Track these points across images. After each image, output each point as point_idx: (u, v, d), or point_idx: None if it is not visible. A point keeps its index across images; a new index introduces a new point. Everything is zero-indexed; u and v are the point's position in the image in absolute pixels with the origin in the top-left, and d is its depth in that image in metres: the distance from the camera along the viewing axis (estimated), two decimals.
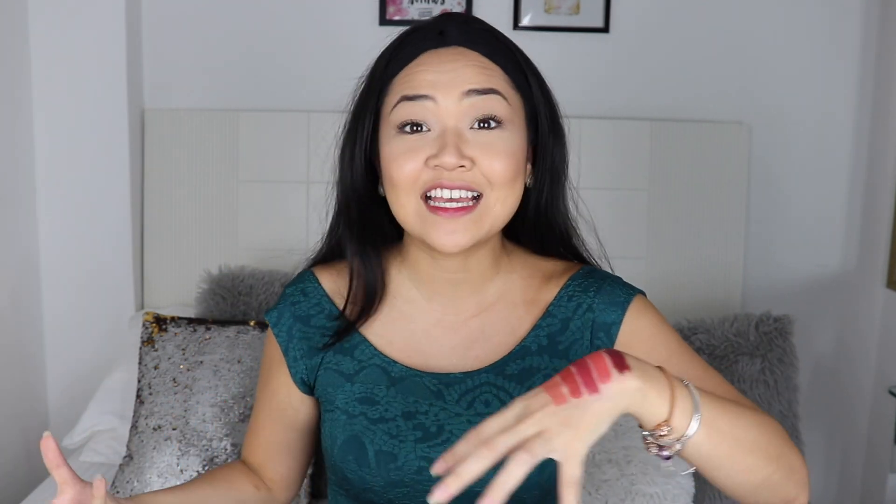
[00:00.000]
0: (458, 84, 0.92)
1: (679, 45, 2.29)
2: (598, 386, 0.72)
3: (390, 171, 0.94)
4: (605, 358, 0.73)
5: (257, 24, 2.29)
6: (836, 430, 2.40)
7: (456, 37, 0.96)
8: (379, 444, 0.99)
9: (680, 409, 0.75)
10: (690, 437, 0.76)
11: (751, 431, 0.80)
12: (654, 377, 0.75)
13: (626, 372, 0.73)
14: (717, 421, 0.77)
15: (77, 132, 2.18)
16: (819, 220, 2.35)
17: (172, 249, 2.28)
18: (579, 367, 0.73)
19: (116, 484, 1.70)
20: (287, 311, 1.08)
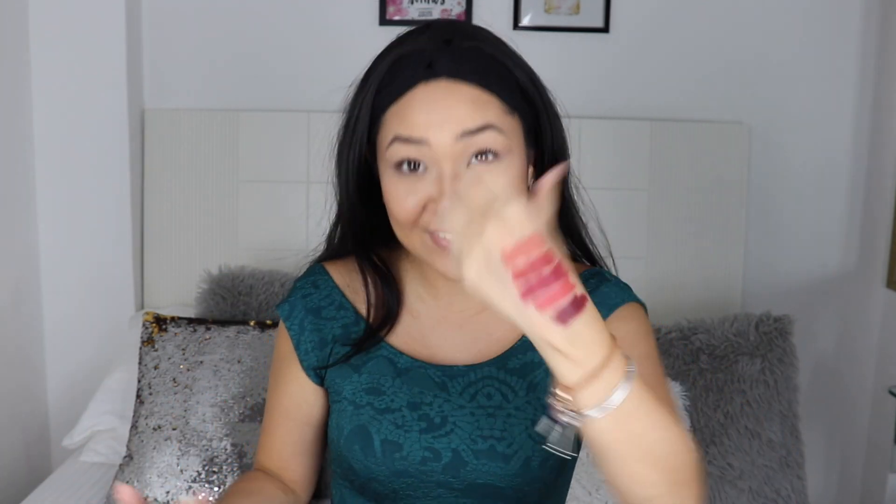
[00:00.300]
0: (452, 125, 0.90)
1: (679, 44, 2.29)
2: (540, 299, 0.68)
3: (391, 207, 0.95)
4: (570, 305, 0.69)
5: (257, 24, 2.29)
6: (836, 430, 2.40)
7: (445, 69, 0.92)
8: (385, 433, 1.01)
9: (593, 391, 0.71)
10: (591, 418, 0.72)
11: (662, 447, 0.76)
12: (586, 350, 0.70)
13: (563, 324, 0.69)
14: (631, 418, 0.73)
15: (77, 132, 2.18)
16: (819, 220, 2.35)
17: (172, 249, 2.28)
18: (556, 278, 0.68)
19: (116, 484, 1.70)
20: (299, 303, 1.09)
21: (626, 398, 0.71)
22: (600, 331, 0.71)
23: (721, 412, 1.85)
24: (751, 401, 1.86)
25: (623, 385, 0.72)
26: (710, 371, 1.87)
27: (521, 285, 0.68)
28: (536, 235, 0.68)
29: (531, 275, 0.68)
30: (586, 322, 0.70)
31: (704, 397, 1.86)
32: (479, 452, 0.99)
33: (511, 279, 0.68)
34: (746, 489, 1.81)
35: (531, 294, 0.68)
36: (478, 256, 0.69)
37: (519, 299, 0.69)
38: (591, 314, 0.70)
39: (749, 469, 1.82)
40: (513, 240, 0.67)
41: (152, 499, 1.67)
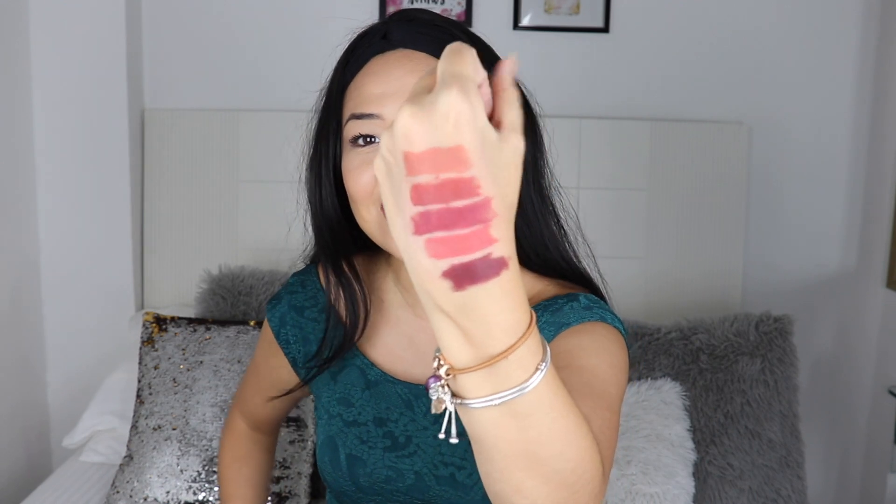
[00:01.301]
0: (404, 96, 0.86)
1: (679, 45, 2.30)
2: (435, 242, 0.50)
3: (347, 185, 0.92)
4: (476, 265, 0.51)
5: (257, 24, 2.29)
6: (836, 429, 2.40)
7: (399, 39, 0.91)
8: (350, 447, 0.99)
9: (482, 381, 0.54)
10: (472, 405, 0.55)
11: (560, 461, 0.59)
12: (483, 329, 0.53)
13: (457, 287, 0.51)
14: (527, 421, 0.56)
15: (77, 132, 2.19)
16: (819, 219, 2.35)
17: (172, 249, 2.29)
18: (467, 220, 0.50)
19: (116, 484, 1.70)
20: (285, 298, 1.11)
21: (525, 398, 0.54)
22: (513, 310, 0.52)
23: (721, 412, 1.85)
24: (751, 401, 1.86)
25: (526, 383, 0.54)
26: (710, 371, 1.87)
27: (416, 212, 0.49)
28: (462, 150, 0.48)
29: (434, 203, 0.49)
30: (493, 296, 0.51)
31: (704, 397, 1.86)
32: (441, 479, 0.96)
33: (407, 195, 0.50)
34: (746, 489, 1.81)
35: (425, 230, 0.50)
36: (385, 141, 0.51)
37: (409, 227, 0.50)
38: (504, 287, 0.51)
39: (749, 469, 1.82)
40: (427, 139, 0.48)
41: (152, 499, 1.67)
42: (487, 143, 0.49)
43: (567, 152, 2.23)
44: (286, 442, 1.72)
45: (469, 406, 0.55)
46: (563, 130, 2.24)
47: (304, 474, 1.72)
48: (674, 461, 1.70)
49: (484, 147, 0.49)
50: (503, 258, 0.51)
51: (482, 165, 0.49)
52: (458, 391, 0.55)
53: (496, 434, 0.56)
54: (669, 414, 1.77)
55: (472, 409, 0.55)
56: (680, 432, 1.76)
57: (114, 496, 1.68)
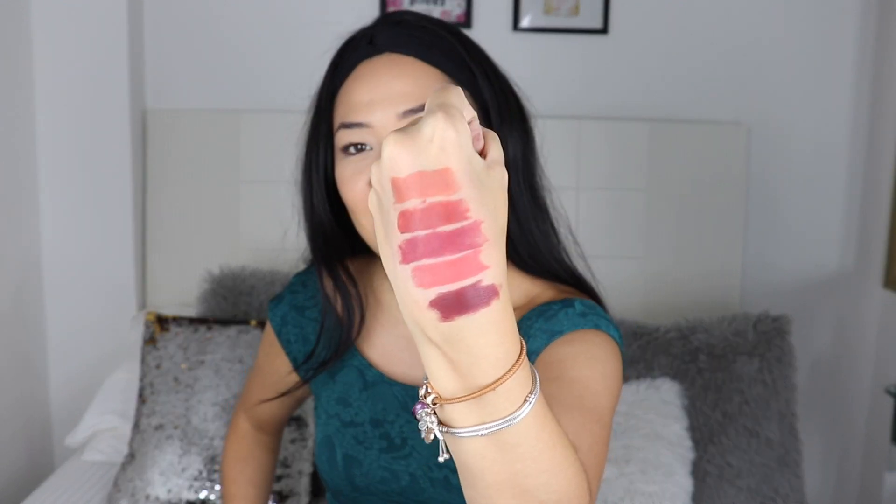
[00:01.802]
0: (393, 104, 0.87)
1: (677, 45, 2.30)
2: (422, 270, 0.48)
3: (343, 195, 0.91)
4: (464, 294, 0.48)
5: (258, 24, 2.30)
6: (834, 429, 2.41)
7: (386, 43, 0.90)
8: (346, 447, 1.00)
9: (468, 412, 0.52)
10: (459, 434, 0.54)
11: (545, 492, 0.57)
12: (470, 361, 0.50)
13: (444, 318, 0.48)
14: (514, 451, 0.54)
15: (79, 133, 2.19)
16: (817, 220, 2.36)
17: (174, 249, 2.29)
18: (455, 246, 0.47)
19: (118, 482, 1.71)
20: (286, 298, 1.12)
21: (513, 429, 0.53)
22: (501, 343, 0.50)
23: (719, 411, 1.86)
24: (749, 400, 1.86)
25: (513, 415, 0.52)
26: (708, 370, 1.88)
27: (403, 240, 0.48)
28: (450, 172, 0.47)
29: (421, 228, 0.47)
30: (481, 328, 0.49)
31: (703, 396, 1.87)
32: (435, 481, 0.96)
33: (394, 223, 0.48)
34: (745, 488, 1.82)
35: (412, 258, 0.48)
36: (374, 172, 0.49)
37: (396, 256, 0.48)
38: (493, 318, 0.49)
39: (747, 468, 1.83)
40: (413, 163, 0.47)
41: (154, 497, 1.68)
42: (475, 168, 0.48)
43: (566, 153, 2.24)
44: (287, 441, 1.73)
45: (455, 435, 0.54)
46: (562, 131, 2.25)
47: (304, 473, 1.73)
48: (672, 460, 1.71)
49: (470, 170, 0.48)
50: (494, 286, 0.48)
51: (471, 188, 0.47)
52: (445, 419, 0.54)
53: (482, 464, 0.55)
54: (668, 413, 1.78)
55: (459, 438, 0.54)
56: (678, 431, 1.76)
57: (115, 495, 1.69)
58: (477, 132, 0.51)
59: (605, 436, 0.78)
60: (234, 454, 1.27)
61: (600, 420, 0.78)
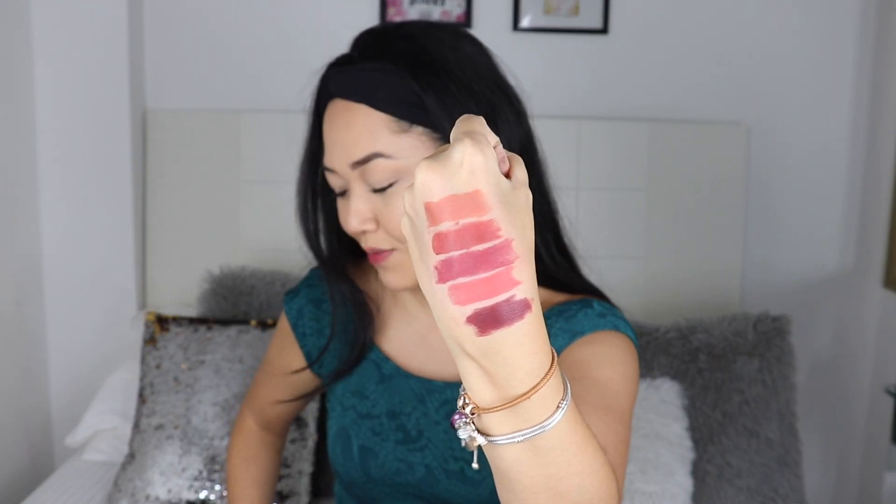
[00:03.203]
0: (343, 155, 0.91)
1: (677, 45, 2.31)
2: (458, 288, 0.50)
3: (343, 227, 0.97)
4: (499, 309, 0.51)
5: (258, 24, 2.30)
6: (834, 429, 2.41)
7: (336, 89, 0.92)
8: (363, 439, 1.01)
9: (505, 420, 0.55)
10: (497, 442, 0.57)
11: (580, 493, 0.60)
12: (507, 372, 0.53)
13: (481, 332, 0.51)
14: (549, 456, 0.57)
15: (79, 133, 2.19)
16: (817, 220, 2.36)
17: (174, 249, 2.29)
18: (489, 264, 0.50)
19: (118, 482, 1.71)
20: (303, 291, 1.13)
21: (547, 434, 0.56)
22: (534, 353, 0.53)
23: (719, 411, 1.86)
24: (749, 400, 1.87)
25: (547, 421, 0.55)
26: (708, 370, 1.88)
27: (439, 260, 0.51)
28: (480, 194, 0.50)
29: (455, 249, 0.50)
30: (516, 340, 0.52)
31: (703, 396, 1.87)
32: (451, 473, 0.97)
33: (429, 245, 0.51)
34: (744, 488, 1.82)
35: (448, 277, 0.51)
36: (406, 198, 0.52)
37: (433, 276, 0.51)
38: (527, 330, 0.52)
39: (747, 468, 1.83)
40: (444, 188, 0.50)
41: (154, 497, 1.68)
42: (503, 190, 0.51)
43: (566, 153, 2.24)
44: (287, 441, 1.73)
45: (494, 443, 0.56)
46: (562, 131, 2.25)
47: (304, 473, 1.73)
48: (672, 460, 1.71)
49: (500, 193, 0.50)
50: (526, 300, 0.51)
51: (500, 208, 0.50)
52: (482, 428, 0.57)
53: (518, 469, 0.57)
54: (668, 413, 1.78)
55: (496, 445, 0.56)
56: (678, 431, 1.77)
57: (116, 495, 1.69)
58: (501, 156, 0.53)
59: (628, 435, 0.81)
60: (240, 453, 1.27)
61: (622, 420, 0.82)
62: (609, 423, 0.79)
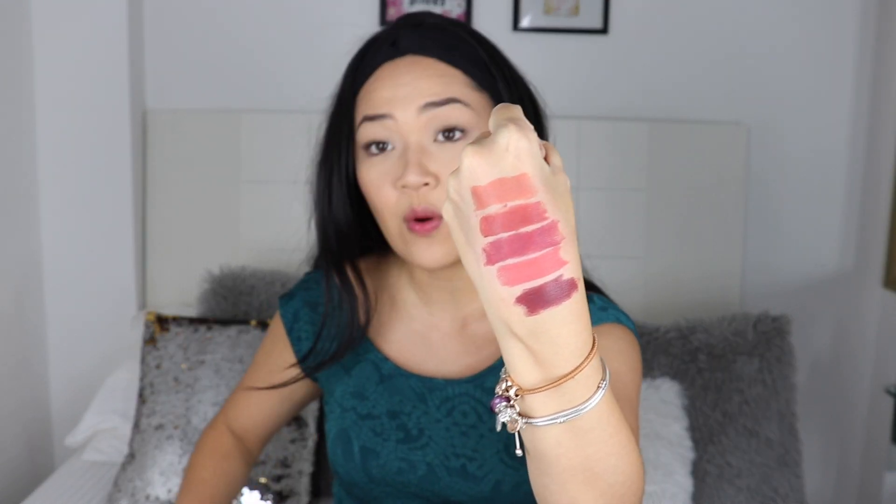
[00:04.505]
0: (415, 98, 0.89)
1: (677, 45, 2.31)
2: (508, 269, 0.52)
3: (369, 196, 0.94)
4: (548, 288, 0.53)
5: (258, 25, 2.30)
6: (834, 429, 2.41)
7: (409, 45, 0.93)
8: (364, 439, 1.01)
9: (549, 401, 0.56)
10: (539, 424, 0.58)
11: (614, 474, 0.62)
12: (554, 351, 0.55)
13: (530, 312, 0.53)
14: (587, 437, 0.59)
15: (79, 133, 2.19)
16: (817, 220, 2.36)
17: (174, 249, 2.30)
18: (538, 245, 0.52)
19: (118, 482, 1.71)
20: (299, 294, 1.11)
21: (587, 415, 0.57)
22: (580, 333, 0.55)
23: (719, 411, 1.86)
24: (749, 400, 1.87)
25: (588, 401, 0.57)
26: (708, 370, 1.88)
27: (487, 243, 0.52)
28: (526, 177, 0.51)
29: (504, 231, 0.52)
30: (563, 319, 0.54)
31: (703, 396, 1.87)
32: (452, 470, 0.97)
33: (477, 228, 0.52)
34: (744, 488, 1.82)
35: (497, 259, 0.52)
36: (452, 183, 0.54)
37: (481, 259, 0.53)
38: (573, 309, 0.54)
39: (747, 468, 1.83)
40: (491, 172, 0.51)
41: (154, 497, 1.68)
42: (546, 174, 0.53)
43: (566, 153, 2.24)
44: (286, 441, 1.73)
45: (535, 425, 0.57)
46: (562, 131, 2.24)
47: (304, 473, 1.73)
48: (672, 460, 1.71)
49: (544, 176, 0.52)
50: (573, 280, 0.53)
51: (546, 191, 0.52)
52: (524, 411, 0.58)
53: (557, 451, 0.59)
54: (668, 413, 1.78)
55: (537, 428, 0.58)
56: (678, 431, 1.77)
57: (116, 495, 1.69)
58: (538, 143, 0.54)
59: (637, 425, 0.86)
60: (208, 446, 1.17)
61: (633, 411, 0.85)
62: (625, 413, 0.81)
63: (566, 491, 0.61)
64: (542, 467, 0.61)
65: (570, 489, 0.61)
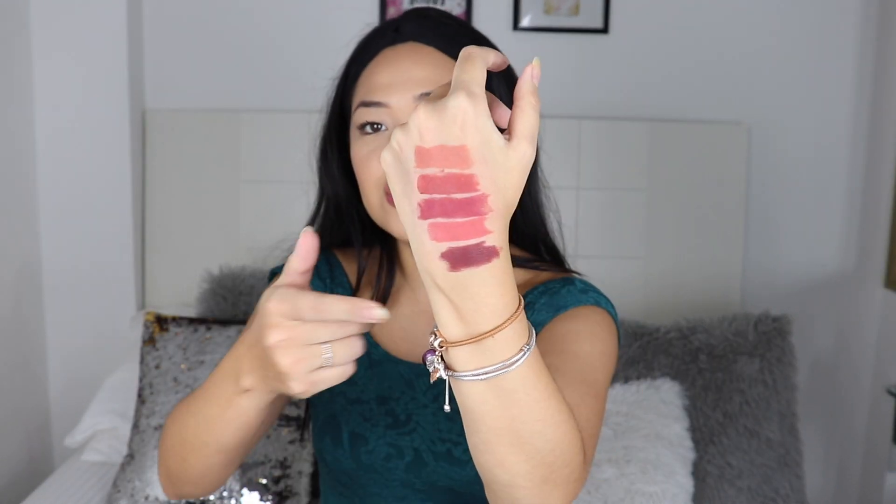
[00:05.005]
0: (411, 87, 0.93)
1: (678, 45, 2.30)
2: (436, 226, 0.56)
3: (358, 172, 0.97)
4: (469, 251, 0.57)
5: (258, 24, 2.29)
6: (835, 429, 2.40)
7: (410, 32, 0.97)
8: (353, 425, 1.01)
9: (470, 356, 0.60)
10: (462, 377, 0.62)
11: (541, 440, 0.64)
12: (474, 308, 0.59)
13: (452, 268, 0.58)
14: (512, 398, 0.62)
15: (78, 133, 2.19)
16: (817, 220, 2.35)
17: (174, 249, 2.29)
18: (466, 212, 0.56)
19: (118, 483, 1.71)
20: None
21: (510, 376, 0.61)
22: (501, 295, 0.59)
23: (720, 411, 1.86)
24: (749, 400, 1.86)
25: (510, 361, 0.60)
26: (708, 370, 1.88)
27: (422, 199, 0.57)
28: (465, 149, 0.55)
29: (438, 193, 0.56)
30: (483, 280, 0.58)
31: (703, 397, 1.87)
32: (438, 455, 0.99)
33: (414, 184, 0.57)
34: (745, 488, 1.82)
35: (429, 215, 0.57)
36: (398, 136, 0.57)
37: (415, 212, 0.57)
38: (494, 273, 0.58)
39: (748, 468, 1.83)
40: (437, 137, 0.55)
41: (154, 498, 1.68)
42: (491, 146, 0.56)
43: (566, 153, 2.24)
44: (286, 442, 1.73)
45: (459, 378, 0.61)
46: (562, 131, 2.25)
47: (304, 473, 1.73)
48: (673, 460, 1.71)
49: (486, 148, 0.56)
50: (495, 248, 0.58)
51: (482, 165, 0.56)
52: (450, 363, 0.62)
53: (482, 408, 0.63)
54: (668, 413, 1.78)
55: (462, 382, 0.62)
56: (679, 431, 1.76)
57: (115, 495, 1.69)
58: (503, 112, 0.59)
59: (601, 409, 0.86)
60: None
61: (598, 394, 0.86)
62: (584, 396, 0.83)
63: (493, 452, 0.65)
64: (471, 426, 0.65)
65: (497, 450, 0.64)
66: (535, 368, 0.62)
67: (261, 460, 1.70)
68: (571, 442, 0.66)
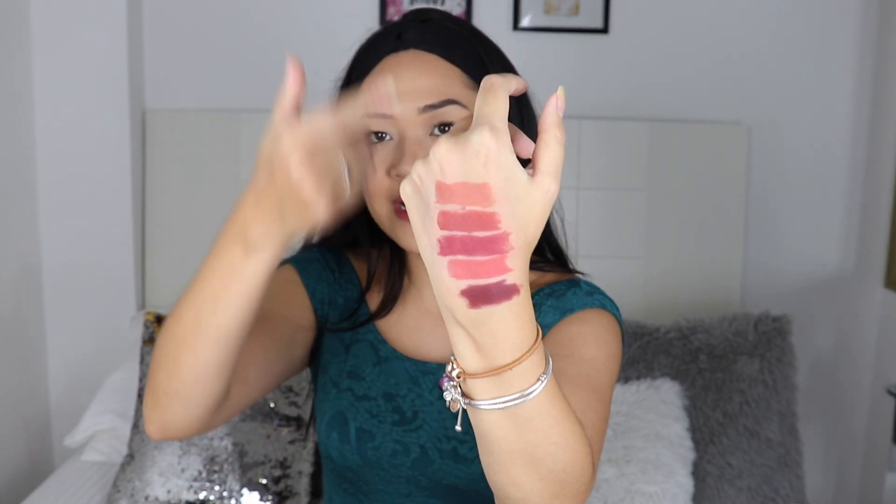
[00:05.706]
0: (414, 99, 0.92)
1: (677, 45, 2.30)
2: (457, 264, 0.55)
3: (363, 181, 0.95)
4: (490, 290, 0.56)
5: (258, 24, 2.29)
6: (835, 429, 2.40)
7: (412, 39, 0.95)
8: (360, 421, 1.01)
9: (489, 387, 0.60)
10: (479, 406, 0.61)
11: (554, 460, 0.65)
12: (493, 342, 0.59)
13: (472, 305, 0.57)
14: (528, 424, 0.62)
15: (78, 133, 2.19)
16: (817, 219, 2.35)
17: (174, 249, 2.29)
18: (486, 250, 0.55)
19: (118, 483, 1.71)
20: (315, 254, 1.08)
21: (527, 404, 0.61)
22: (519, 329, 0.59)
23: (720, 411, 1.86)
24: (749, 400, 1.86)
25: (528, 391, 0.60)
26: (709, 370, 1.88)
27: (442, 235, 0.56)
28: (488, 187, 0.54)
29: (458, 229, 0.55)
30: (503, 317, 0.57)
31: (703, 397, 1.87)
32: (444, 452, 0.99)
33: (435, 218, 0.56)
34: (745, 488, 1.82)
35: (449, 252, 0.56)
36: (419, 169, 0.56)
37: (435, 247, 0.56)
38: (513, 309, 0.58)
39: (748, 468, 1.83)
40: (459, 173, 0.54)
41: (154, 498, 1.68)
42: (514, 182, 0.55)
43: (566, 153, 2.23)
44: (286, 442, 1.73)
45: (477, 407, 0.61)
46: None
47: (304, 473, 1.73)
48: (673, 460, 1.71)
49: (508, 185, 0.55)
50: (515, 285, 0.57)
51: (504, 203, 0.55)
52: (467, 392, 0.62)
53: (497, 433, 0.63)
54: (668, 413, 1.78)
55: (480, 410, 0.62)
56: (679, 431, 1.76)
57: (115, 495, 1.69)
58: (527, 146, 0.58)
59: (606, 413, 0.86)
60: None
61: (602, 398, 0.87)
62: (590, 401, 0.83)
63: (507, 472, 0.65)
64: (485, 447, 0.65)
65: (510, 471, 0.65)
66: (551, 394, 0.63)
67: (261, 460, 1.70)
68: (583, 459, 0.67)
